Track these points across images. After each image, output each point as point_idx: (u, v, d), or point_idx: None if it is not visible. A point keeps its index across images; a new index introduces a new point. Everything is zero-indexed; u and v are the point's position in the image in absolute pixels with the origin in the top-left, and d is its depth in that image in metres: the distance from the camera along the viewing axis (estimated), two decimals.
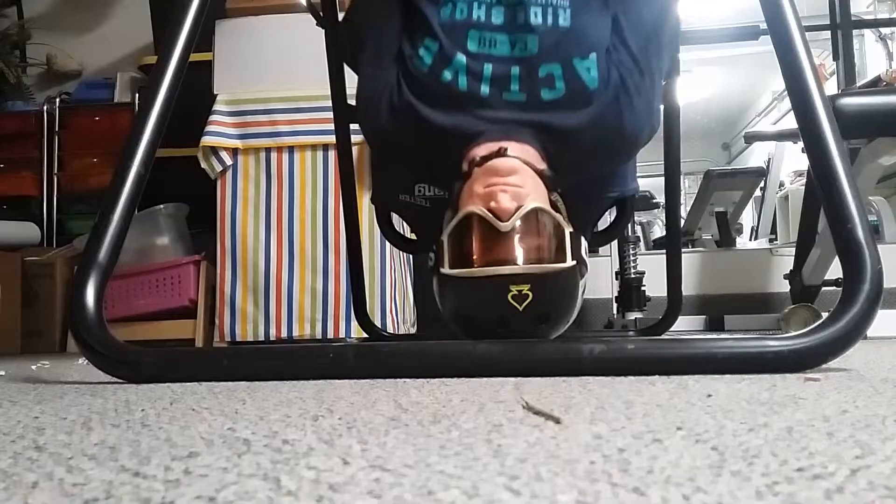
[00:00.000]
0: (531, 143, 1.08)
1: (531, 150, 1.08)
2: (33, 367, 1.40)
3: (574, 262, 0.99)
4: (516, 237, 0.97)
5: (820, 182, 0.89)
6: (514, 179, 1.01)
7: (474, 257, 0.98)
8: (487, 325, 0.97)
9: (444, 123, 1.11)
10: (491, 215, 0.97)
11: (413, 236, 1.43)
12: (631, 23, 1.13)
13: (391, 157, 1.28)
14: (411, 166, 1.25)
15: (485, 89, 1.10)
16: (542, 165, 1.07)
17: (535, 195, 1.02)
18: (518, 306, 0.94)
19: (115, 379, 0.89)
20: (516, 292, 0.95)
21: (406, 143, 1.16)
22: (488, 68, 1.10)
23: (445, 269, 0.99)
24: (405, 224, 1.49)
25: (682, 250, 1.87)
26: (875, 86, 2.10)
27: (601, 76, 1.10)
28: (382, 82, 1.15)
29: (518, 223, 0.97)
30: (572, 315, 1.06)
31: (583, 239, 1.12)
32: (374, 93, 1.16)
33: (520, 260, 0.96)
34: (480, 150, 1.06)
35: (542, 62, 1.09)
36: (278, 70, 2.41)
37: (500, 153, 1.03)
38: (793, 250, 2.31)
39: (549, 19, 1.10)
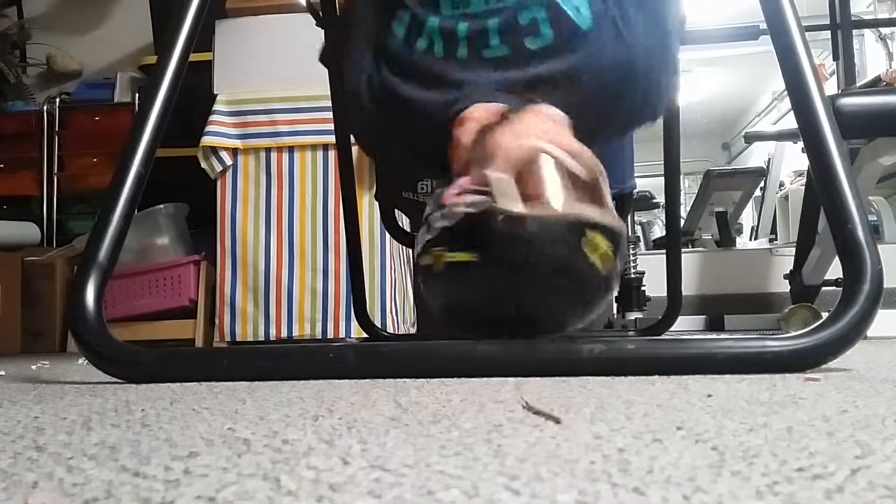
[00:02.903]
0: (514, 103, 0.95)
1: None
2: (33, 367, 1.40)
3: None
4: None
5: (820, 182, 0.89)
6: None
7: None
8: None
9: (421, 98, 1.00)
10: None
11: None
12: None
13: (383, 154, 1.19)
14: (407, 160, 1.15)
15: (462, 51, 0.99)
16: None
17: None
18: None
19: (114, 379, 0.89)
20: None
21: (393, 131, 1.06)
22: (464, 27, 0.99)
23: None
24: (406, 219, 1.50)
25: (682, 250, 1.87)
26: (875, 86, 2.10)
27: (595, 13, 0.96)
28: (360, 70, 1.04)
29: None
30: None
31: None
32: (354, 83, 1.05)
33: None
34: (467, 120, 0.94)
35: (522, 8, 0.97)
36: (278, 70, 2.41)
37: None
38: (793, 250, 2.31)
39: None
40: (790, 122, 1.18)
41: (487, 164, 0.84)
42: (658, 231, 4.77)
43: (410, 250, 2.62)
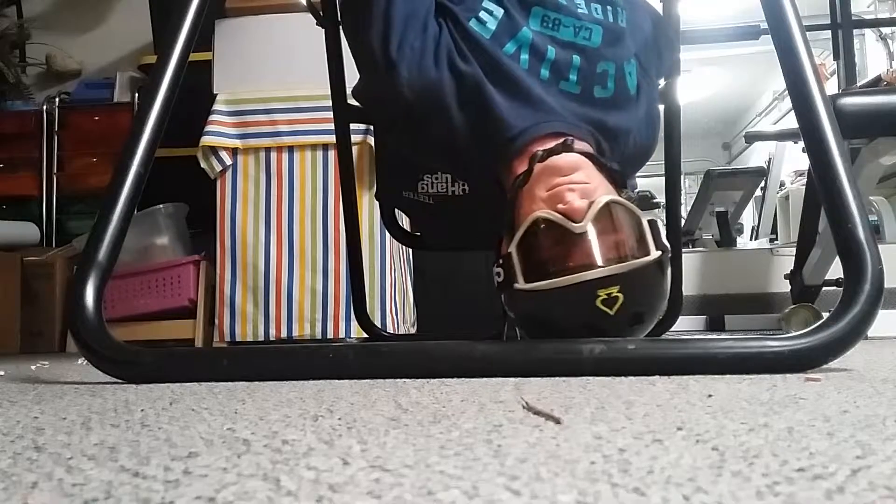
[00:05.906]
0: (588, 140, 1.01)
1: (590, 147, 1.00)
2: (33, 367, 1.40)
3: (659, 252, 0.91)
4: (593, 237, 0.89)
5: (820, 182, 0.89)
6: (578, 176, 0.93)
7: (551, 266, 0.89)
8: (577, 336, 0.89)
9: (503, 109, 0.98)
10: (562, 217, 0.89)
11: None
12: (633, 31, 1.11)
13: (392, 132, 1.12)
14: (420, 146, 1.10)
15: (545, 73, 1.01)
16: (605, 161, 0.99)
17: (604, 189, 0.94)
18: (609, 311, 0.87)
19: (114, 379, 0.89)
20: (605, 296, 0.87)
21: (443, 114, 1.01)
22: (552, 51, 1.01)
23: (521, 284, 0.90)
24: (406, 219, 1.50)
25: (683, 250, 1.87)
26: (876, 85, 2.09)
27: (638, 82, 1.09)
28: (424, 30, 0.99)
29: (592, 222, 0.89)
30: (663, 309, 0.98)
31: (659, 222, 0.99)
32: (416, 41, 0.98)
33: (601, 261, 0.87)
34: (543, 144, 0.96)
35: (601, 58, 1.03)
36: (278, 70, 2.41)
37: (566, 146, 0.94)
38: (793, 250, 2.31)
39: (610, 16, 1.05)
40: (791, 122, 1.19)
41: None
42: None
43: (410, 250, 2.62)
